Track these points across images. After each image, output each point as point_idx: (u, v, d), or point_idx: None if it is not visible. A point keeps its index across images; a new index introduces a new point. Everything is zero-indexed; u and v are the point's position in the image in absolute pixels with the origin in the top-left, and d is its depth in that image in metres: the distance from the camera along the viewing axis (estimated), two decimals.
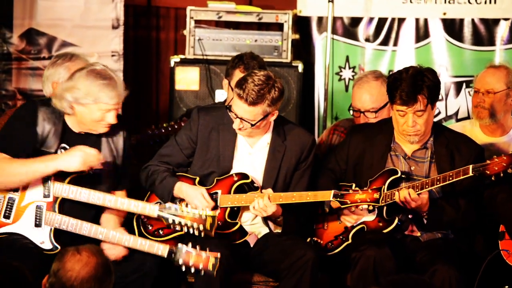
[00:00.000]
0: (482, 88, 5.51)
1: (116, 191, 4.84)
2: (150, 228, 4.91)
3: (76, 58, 5.54)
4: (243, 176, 4.87)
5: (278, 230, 4.93)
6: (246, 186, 4.87)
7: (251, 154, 4.92)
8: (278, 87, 4.72)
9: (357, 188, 4.72)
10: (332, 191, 4.72)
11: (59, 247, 4.62)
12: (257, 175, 4.91)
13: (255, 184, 4.87)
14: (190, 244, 4.50)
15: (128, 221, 4.97)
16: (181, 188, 4.87)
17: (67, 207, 4.69)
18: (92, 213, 4.75)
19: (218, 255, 4.47)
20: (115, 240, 4.60)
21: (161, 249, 4.55)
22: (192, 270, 4.50)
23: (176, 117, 6.24)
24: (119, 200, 4.67)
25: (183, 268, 4.52)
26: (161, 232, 4.89)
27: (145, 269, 4.65)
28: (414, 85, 4.73)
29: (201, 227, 4.54)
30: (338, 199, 4.70)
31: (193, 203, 4.78)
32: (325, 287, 4.97)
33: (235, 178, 4.86)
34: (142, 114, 7.14)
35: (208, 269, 4.47)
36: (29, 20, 6.83)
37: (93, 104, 4.61)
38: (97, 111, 4.64)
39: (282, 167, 4.90)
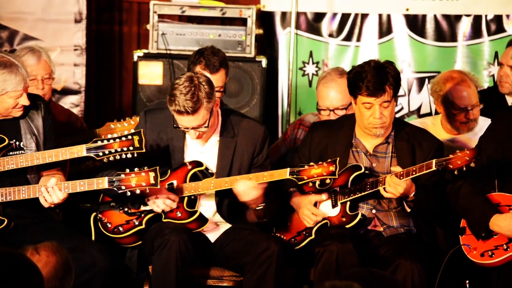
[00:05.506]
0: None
1: (46, 171, 4.79)
2: (110, 226, 4.83)
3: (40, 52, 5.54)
4: (197, 163, 4.81)
5: (255, 219, 4.92)
6: (201, 173, 4.82)
7: (202, 153, 4.87)
8: (204, 81, 4.65)
9: (312, 163, 4.70)
10: (288, 169, 4.70)
11: (5, 219, 4.64)
12: None
13: (209, 171, 4.83)
14: (127, 170, 4.53)
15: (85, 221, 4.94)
16: None
17: (7, 182, 4.68)
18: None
19: (157, 168, 4.52)
20: (55, 190, 4.56)
21: (100, 182, 4.57)
22: (138, 191, 4.53)
23: (139, 111, 6.19)
24: (47, 153, 4.64)
25: (128, 193, 4.55)
26: (121, 229, 4.82)
27: (96, 269, 4.57)
28: (380, 75, 4.73)
29: (131, 148, 4.56)
30: (295, 176, 4.68)
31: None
32: (291, 280, 4.98)
33: (189, 167, 4.80)
34: (105, 108, 7.10)
35: (151, 183, 4.51)
36: None
37: (3, 95, 4.60)
38: (9, 99, 4.62)
39: (234, 163, 4.86)
